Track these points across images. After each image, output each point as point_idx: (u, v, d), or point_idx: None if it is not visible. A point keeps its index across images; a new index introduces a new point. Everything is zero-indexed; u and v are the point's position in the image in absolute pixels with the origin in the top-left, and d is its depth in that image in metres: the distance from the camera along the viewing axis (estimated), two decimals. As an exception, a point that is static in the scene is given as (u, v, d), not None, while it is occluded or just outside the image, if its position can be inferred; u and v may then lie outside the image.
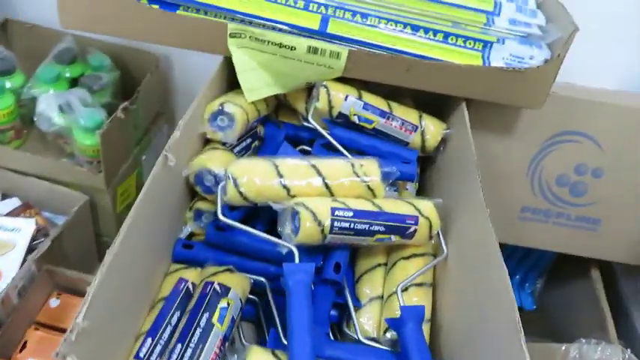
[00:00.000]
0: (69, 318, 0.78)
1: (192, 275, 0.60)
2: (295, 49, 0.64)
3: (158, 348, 0.53)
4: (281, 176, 0.57)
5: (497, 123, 0.74)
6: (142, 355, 0.52)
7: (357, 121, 0.69)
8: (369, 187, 0.59)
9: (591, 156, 0.75)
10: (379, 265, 0.63)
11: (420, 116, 0.71)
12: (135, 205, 0.48)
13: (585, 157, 0.75)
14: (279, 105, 0.77)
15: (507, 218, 0.53)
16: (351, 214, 0.56)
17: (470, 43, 0.67)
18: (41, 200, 0.90)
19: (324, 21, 0.66)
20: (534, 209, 0.77)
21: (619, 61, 0.90)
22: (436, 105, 0.74)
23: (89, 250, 0.99)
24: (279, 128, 0.75)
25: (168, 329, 0.55)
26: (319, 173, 0.58)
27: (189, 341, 0.51)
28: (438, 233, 0.61)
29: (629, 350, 0.59)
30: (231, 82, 0.72)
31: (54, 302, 0.79)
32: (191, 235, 0.66)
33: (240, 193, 0.56)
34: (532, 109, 0.70)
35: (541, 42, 0.69)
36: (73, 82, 0.96)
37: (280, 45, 0.64)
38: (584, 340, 0.60)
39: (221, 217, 0.56)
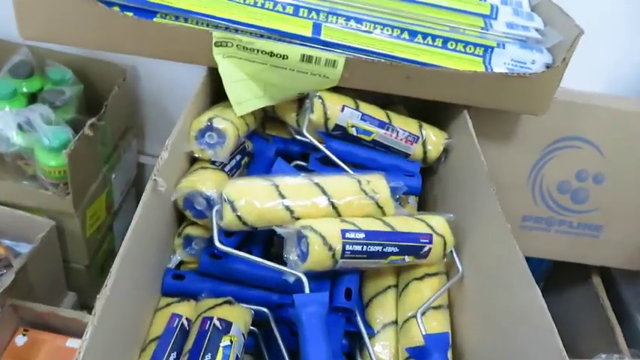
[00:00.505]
0: (38, 356, 0.71)
1: (186, 309, 0.54)
2: (287, 57, 0.59)
3: (155, 397, 0.47)
4: (283, 197, 0.52)
5: (496, 130, 0.72)
6: (136, 407, 0.46)
7: (355, 133, 0.65)
8: (378, 205, 0.55)
9: (592, 161, 0.73)
10: (389, 287, 0.58)
11: (420, 126, 0.67)
12: (126, 240, 0.42)
13: (586, 162, 0.73)
14: (265, 117, 0.72)
15: None
16: (362, 235, 0.51)
17: (470, 49, 0.64)
18: (1, 228, 0.81)
19: (317, 27, 0.62)
20: (536, 218, 0.75)
21: (605, 63, 0.89)
22: (432, 114, 0.71)
23: (57, 279, 0.91)
24: (268, 142, 0.69)
25: (165, 374, 0.49)
26: (324, 192, 0.53)
27: (192, 388, 0.45)
28: (451, 251, 0.57)
29: (654, 365, 0.57)
30: (214, 96, 0.66)
31: (20, 340, 0.73)
32: (180, 264, 0.60)
33: (239, 217, 0.51)
34: (531, 115, 0.67)
35: (541, 46, 0.66)
36: (31, 98, 0.88)
37: (271, 54, 0.59)
38: (604, 355, 0.58)
39: (218, 244, 0.50)
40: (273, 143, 0.69)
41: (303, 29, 0.61)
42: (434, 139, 0.67)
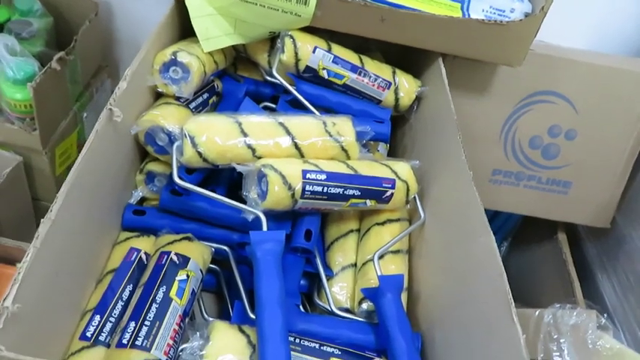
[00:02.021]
0: (2, 290, 0.71)
1: (145, 244, 0.54)
2: (259, -8, 0.57)
3: (108, 326, 0.47)
4: (245, 135, 0.51)
5: (470, 82, 0.71)
6: (89, 334, 0.46)
7: (327, 76, 0.63)
8: (342, 148, 0.54)
9: (565, 117, 0.73)
10: (351, 231, 0.59)
11: (394, 72, 0.66)
12: (75, 166, 0.41)
13: (559, 118, 0.73)
14: (237, 57, 0.70)
15: (478, 181, 0.49)
16: (324, 176, 0.51)
17: (448, -7, 0.62)
18: (-35, 162, 0.80)
19: (291, -39, 0.59)
20: (506, 172, 0.75)
21: (588, 20, 0.88)
22: (407, 60, 0.70)
23: (25, 217, 0.90)
24: (239, 83, 0.68)
25: (120, 305, 0.49)
26: (288, 132, 0.52)
27: (145, 318, 0.45)
28: (414, 197, 0.57)
29: (605, 315, 0.58)
30: (183, 31, 0.64)
31: (-15, 274, 0.71)
32: (142, 200, 0.59)
33: (199, 154, 0.50)
34: (508, 67, 0.66)
35: (522, -6, 0.64)
36: (-2, 29, 0.85)
37: (242, -13, 0.57)
38: (558, 305, 0.59)
39: (177, 180, 0.50)
40: (243, 84, 0.67)
41: (275, -37, 0.59)
42: (407, 86, 0.65)
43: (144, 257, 0.53)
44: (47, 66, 0.76)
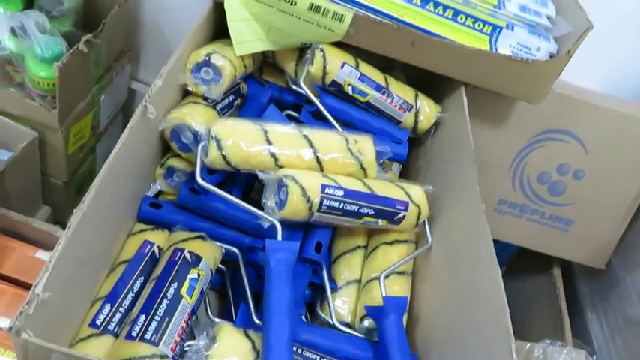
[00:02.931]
0: (5, 262, 0.71)
1: (158, 238, 0.55)
2: (296, 4, 0.58)
3: (118, 316, 0.48)
4: (270, 143, 0.53)
5: (489, 112, 0.72)
6: (98, 322, 0.47)
7: (351, 92, 0.65)
8: (361, 166, 0.55)
9: (575, 157, 0.75)
10: (358, 247, 0.60)
11: (416, 95, 0.67)
12: (109, 160, 0.42)
13: (569, 157, 0.75)
14: (263, 62, 0.71)
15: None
16: (342, 193, 0.52)
17: (479, 25, 0.64)
18: (-18, 131, 0.81)
19: (331, -23, 0.60)
20: (511, 203, 0.77)
21: (605, 63, 0.89)
22: (430, 84, 0.71)
23: (33, 191, 0.91)
24: (263, 87, 0.69)
25: (130, 296, 0.50)
26: (311, 145, 0.54)
27: (155, 313, 0.47)
28: (424, 222, 0.59)
29: (594, 357, 0.60)
30: (217, 31, 0.65)
31: (-12, 243, 0.72)
32: (159, 193, 0.60)
33: (224, 157, 0.51)
34: (526, 103, 0.68)
35: (549, 34, 0.66)
36: (28, 3, 0.85)
37: (280, -4, 0.58)
38: (548, 341, 0.60)
39: (199, 180, 0.51)
40: (268, 89, 0.69)
41: (315, -23, 0.60)
42: (427, 110, 0.67)
43: (157, 251, 0.54)
44: (75, 47, 0.77)
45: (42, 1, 0.82)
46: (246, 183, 0.61)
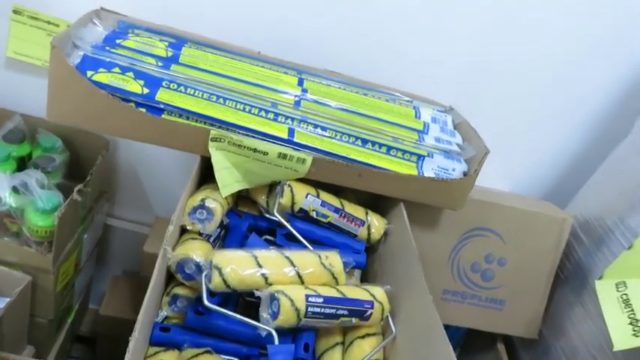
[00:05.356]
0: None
1: (171, 358, 0.65)
2: (268, 154, 0.75)
3: None
4: (260, 266, 0.66)
5: (425, 219, 0.90)
6: None
7: (315, 216, 0.80)
8: (333, 276, 0.69)
9: (497, 248, 0.93)
10: (337, 343, 0.72)
11: (367, 212, 0.84)
12: (146, 298, 0.54)
13: (492, 248, 0.93)
14: (238, 196, 0.86)
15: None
16: (321, 300, 0.65)
17: (407, 156, 0.83)
18: (-21, 280, 0.87)
19: (291, 131, 0.78)
20: (453, 292, 0.92)
21: (511, 168, 1.12)
22: (376, 202, 0.88)
23: (21, 332, 0.96)
24: (241, 218, 0.83)
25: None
26: (292, 264, 0.68)
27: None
28: (387, 316, 0.72)
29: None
30: (201, 178, 0.80)
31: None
32: (165, 318, 0.70)
33: (225, 281, 0.64)
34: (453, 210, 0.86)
35: (460, 157, 0.86)
36: (20, 162, 0.97)
37: (255, 150, 0.75)
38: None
39: (207, 303, 0.63)
40: (245, 219, 0.83)
41: (281, 132, 0.77)
42: (377, 224, 0.83)
43: (171, 368, 0.64)
44: (70, 197, 0.89)
45: (37, 160, 0.95)
46: (236, 301, 0.73)
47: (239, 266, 0.65)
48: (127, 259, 1.27)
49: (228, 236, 0.80)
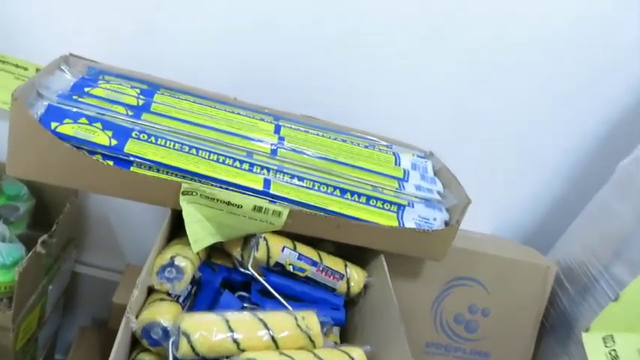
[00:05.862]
0: None
1: None
2: (242, 207, 0.72)
3: None
4: (232, 331, 0.62)
5: (406, 270, 0.87)
6: None
7: (292, 270, 0.76)
8: (310, 339, 0.66)
9: (480, 297, 0.90)
10: (315, 410, 0.68)
11: (346, 265, 0.80)
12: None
13: (476, 298, 0.90)
14: (211, 247, 0.82)
15: (414, 353, 0.62)
16: (297, 367, 0.61)
17: (387, 205, 0.80)
18: None
19: (267, 183, 0.75)
20: (437, 344, 0.89)
21: (491, 212, 1.11)
22: (355, 254, 0.85)
23: (-23, 394, 0.89)
24: (214, 272, 0.79)
25: None
26: (266, 327, 0.64)
27: None
28: (368, 377, 0.68)
29: None
30: (172, 230, 0.77)
31: None
32: (129, 386, 0.66)
33: (193, 349, 0.60)
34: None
35: (441, 206, 0.84)
36: (-17, 212, 0.92)
37: (228, 203, 0.71)
38: None
39: (173, 374, 0.58)
40: (218, 273, 0.79)
41: (256, 184, 0.74)
42: (356, 277, 0.80)
43: None
44: (32, 250, 0.84)
45: (0, 209, 0.90)
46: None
47: (209, 331, 0.61)
48: (96, 307, 1.22)
49: (199, 293, 0.76)
